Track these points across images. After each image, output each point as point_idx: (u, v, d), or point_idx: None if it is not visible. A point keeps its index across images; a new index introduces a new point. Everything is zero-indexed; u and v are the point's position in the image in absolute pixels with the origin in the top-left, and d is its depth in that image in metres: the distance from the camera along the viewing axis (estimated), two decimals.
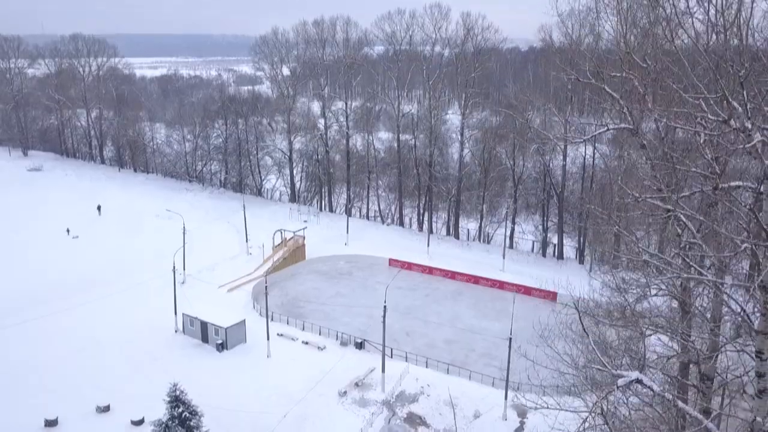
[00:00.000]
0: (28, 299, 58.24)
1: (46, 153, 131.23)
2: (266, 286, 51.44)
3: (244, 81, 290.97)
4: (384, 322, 44.87)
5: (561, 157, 72.75)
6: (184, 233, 63.96)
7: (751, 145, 10.40)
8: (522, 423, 42.17)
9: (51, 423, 39.65)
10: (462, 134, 78.89)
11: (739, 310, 12.31)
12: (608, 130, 21.01)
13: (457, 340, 54.08)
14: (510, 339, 42.12)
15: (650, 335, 27.29)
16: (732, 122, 11.29)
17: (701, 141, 14.43)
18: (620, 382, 13.41)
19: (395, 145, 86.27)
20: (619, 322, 23.85)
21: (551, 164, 72.96)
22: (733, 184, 12.77)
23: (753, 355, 11.83)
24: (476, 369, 48.43)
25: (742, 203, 12.98)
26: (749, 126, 10.89)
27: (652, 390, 13.19)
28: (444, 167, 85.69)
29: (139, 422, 40.16)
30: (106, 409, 41.54)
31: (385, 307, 44.73)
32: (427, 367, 48.58)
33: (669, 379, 23.16)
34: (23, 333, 51.80)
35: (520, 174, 77.03)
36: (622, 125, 18.79)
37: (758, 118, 11.35)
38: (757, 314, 11.42)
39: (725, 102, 11.68)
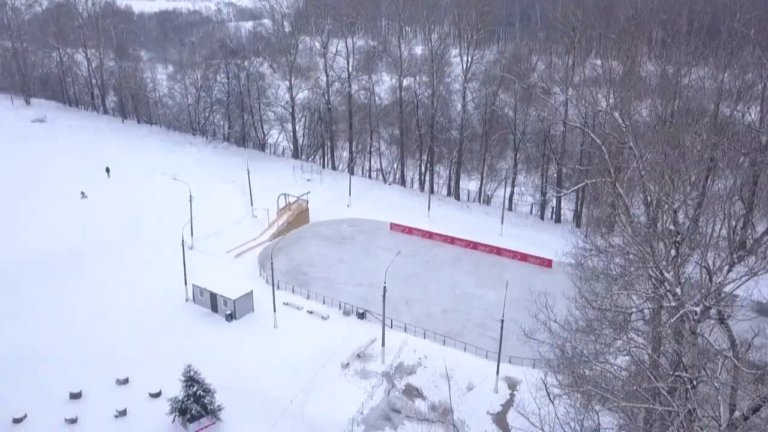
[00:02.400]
0: (42, 266, 60.61)
1: (48, 101, 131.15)
2: (272, 263, 53.61)
3: (246, 16, 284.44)
4: (384, 301, 47.32)
5: (561, 121, 73.03)
6: (191, 202, 65.53)
7: (679, 316, 11.99)
8: (512, 395, 45.22)
9: (75, 396, 42.77)
10: (464, 97, 78.91)
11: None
12: (588, 183, 22.39)
13: (455, 309, 56.69)
14: (502, 321, 44.45)
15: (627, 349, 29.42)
16: (666, 284, 12.84)
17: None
18: None
19: (398, 94, 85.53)
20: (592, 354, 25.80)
21: (552, 129, 73.44)
22: (689, 307, 14.40)
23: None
24: (471, 339, 51.22)
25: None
26: (679, 292, 12.44)
27: None
28: (447, 118, 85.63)
29: (156, 395, 43.25)
30: (125, 381, 44.60)
31: (384, 287, 47.08)
32: (425, 338, 51.35)
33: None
34: (40, 304, 54.38)
35: (520, 138, 77.57)
36: (602, 178, 20.20)
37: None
38: None
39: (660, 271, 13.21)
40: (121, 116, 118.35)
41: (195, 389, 39.47)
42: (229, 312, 53.02)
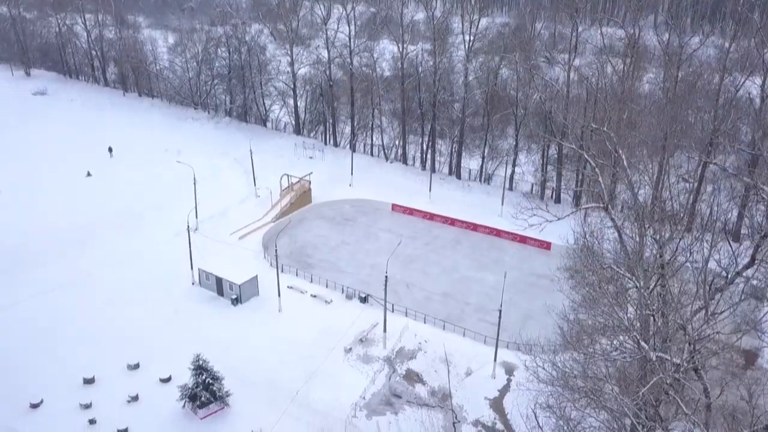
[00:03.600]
0: (49, 248, 61.86)
1: (49, 72, 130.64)
2: (276, 250, 54.72)
3: None
4: (385, 289, 48.62)
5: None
6: (195, 185, 66.33)
7: (650, 385, 13.08)
8: (509, 380, 46.88)
9: (89, 381, 44.49)
10: (466, 75, 78.70)
11: None
12: (580, 209, 23.22)
13: (454, 293, 58.01)
14: (500, 311, 45.78)
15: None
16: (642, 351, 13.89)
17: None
18: None
19: (400, 65, 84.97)
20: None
21: (553, 109, 73.64)
22: (663, 356, 15.49)
23: None
24: (470, 324, 52.63)
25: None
26: (653, 357, 13.52)
27: None
28: (448, 92, 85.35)
29: (166, 380, 44.93)
30: (136, 366, 46.23)
31: (386, 277, 48.35)
32: (425, 322, 52.79)
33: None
34: (48, 288, 55.58)
35: (522, 115, 77.68)
36: (594, 204, 21.11)
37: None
38: None
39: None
40: (122, 89, 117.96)
41: (204, 377, 41.14)
42: (234, 296, 54.42)
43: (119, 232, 65.62)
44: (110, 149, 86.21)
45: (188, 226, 58.56)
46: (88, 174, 79.97)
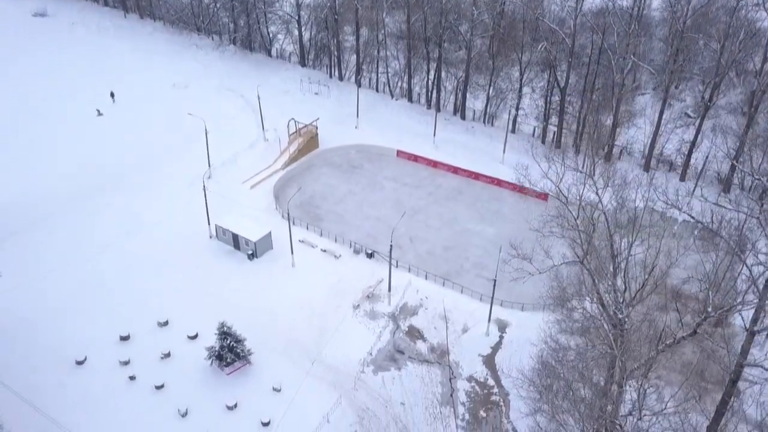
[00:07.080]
0: (67, 199, 64.93)
1: None
2: (289, 213, 57.98)
3: None
4: (390, 254, 52.51)
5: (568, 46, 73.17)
6: (206, 136, 68.43)
7: None
8: (501, 337, 51.94)
9: (125, 338, 49.64)
10: (472, 18, 77.71)
11: None
12: (560, 265, 26.22)
13: (454, 247, 61.97)
14: (494, 281, 49.86)
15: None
16: None
17: None
18: None
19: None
20: None
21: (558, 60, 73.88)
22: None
23: None
24: (468, 280, 57.07)
25: None
26: None
27: None
28: (456, 13, 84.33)
29: (194, 337, 50.04)
30: (166, 324, 51.22)
31: (391, 246, 52.23)
32: (426, 279, 57.19)
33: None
34: (75, 241, 59.49)
35: (527, 62, 77.80)
36: (571, 260, 24.21)
37: None
38: None
39: None
40: (122, 9, 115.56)
41: (229, 341, 46.13)
42: (250, 252, 58.49)
43: (134, 182, 67.98)
44: (112, 94, 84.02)
45: (204, 185, 61.33)
46: (99, 113, 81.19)
